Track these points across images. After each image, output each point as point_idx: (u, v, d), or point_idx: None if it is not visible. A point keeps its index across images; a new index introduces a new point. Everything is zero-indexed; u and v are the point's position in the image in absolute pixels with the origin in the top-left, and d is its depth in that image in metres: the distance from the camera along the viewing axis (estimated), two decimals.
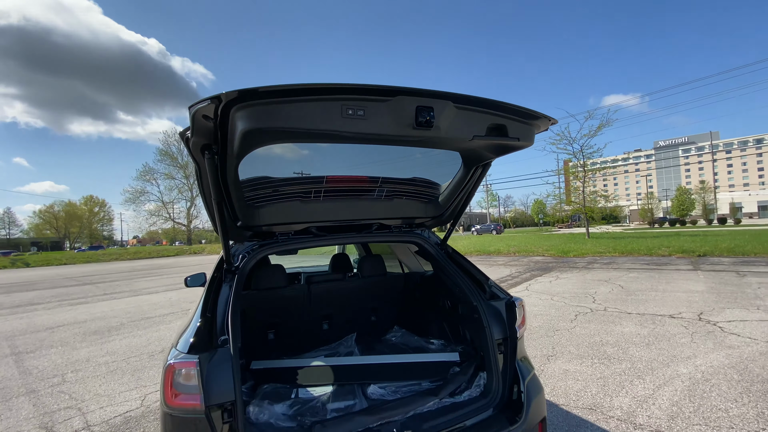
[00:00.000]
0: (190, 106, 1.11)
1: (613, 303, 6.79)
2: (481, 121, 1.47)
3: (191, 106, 1.11)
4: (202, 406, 1.31)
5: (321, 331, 2.99)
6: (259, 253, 1.96)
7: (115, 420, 3.36)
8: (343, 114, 1.24)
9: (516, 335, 1.93)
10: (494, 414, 1.78)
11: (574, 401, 3.22)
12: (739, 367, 3.74)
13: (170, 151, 64.96)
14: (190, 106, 1.11)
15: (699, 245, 15.40)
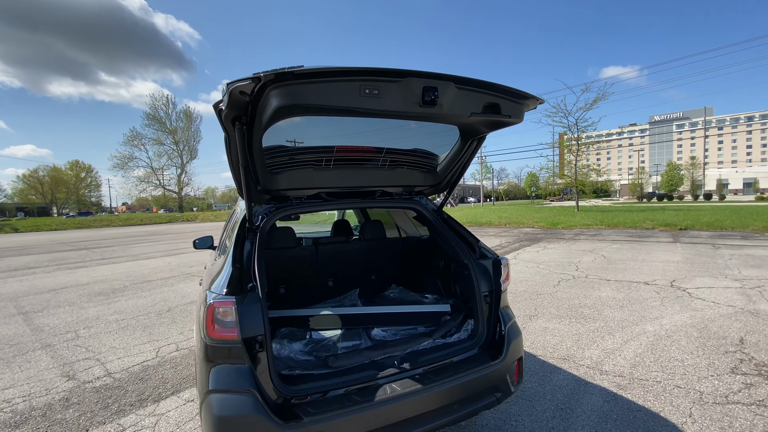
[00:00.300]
0: (229, 83, 1.28)
1: (594, 271, 7.22)
2: (478, 100, 1.66)
3: (230, 83, 1.28)
4: (239, 338, 1.56)
5: (327, 288, 3.29)
6: (276, 214, 2.17)
7: (133, 368, 3.66)
8: (361, 93, 1.42)
9: (500, 288, 2.22)
10: (479, 352, 2.09)
11: (551, 353, 3.61)
12: (700, 327, 4.16)
13: (158, 116, 63.18)
14: (228, 83, 1.28)
15: (681, 219, 15.98)
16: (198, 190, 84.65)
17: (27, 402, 3.10)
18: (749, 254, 8.48)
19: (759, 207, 25.74)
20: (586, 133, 26.21)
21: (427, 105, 1.51)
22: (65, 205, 73.74)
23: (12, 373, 3.66)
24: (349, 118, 1.76)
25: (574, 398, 2.82)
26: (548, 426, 2.51)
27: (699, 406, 2.69)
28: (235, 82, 1.28)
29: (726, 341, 3.77)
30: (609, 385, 2.99)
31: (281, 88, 1.35)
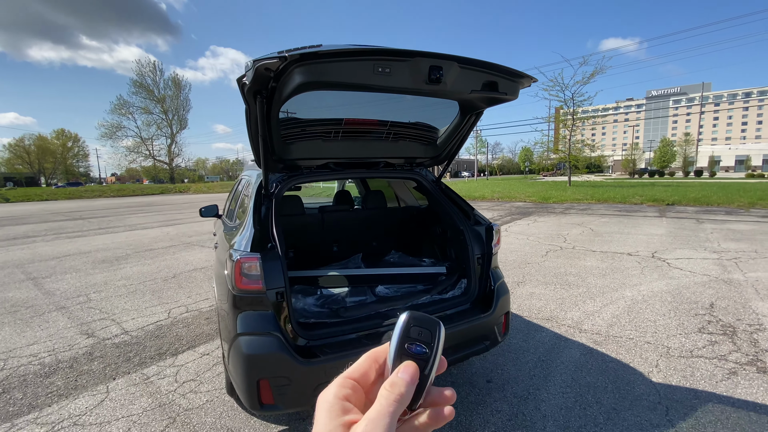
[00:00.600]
0: (255, 60, 1.41)
1: (581, 243, 7.55)
2: (478, 78, 1.81)
3: (256, 60, 1.41)
4: (263, 289, 1.78)
5: (332, 252, 3.52)
6: (288, 182, 2.34)
7: (148, 327, 3.92)
8: (374, 71, 1.57)
9: (492, 252, 2.45)
10: (471, 307, 2.35)
11: (536, 314, 3.92)
12: (674, 293, 4.50)
13: (145, 83, 61.11)
14: (255, 60, 1.41)
15: (670, 195, 16.38)
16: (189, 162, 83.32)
17: (53, 356, 3.35)
18: (731, 228, 8.86)
19: (746, 184, 26.30)
20: (582, 107, 26.12)
21: (432, 83, 1.66)
22: (53, 175, 72.35)
23: (33, 332, 3.89)
24: (357, 92, 1.90)
25: (554, 352, 3.14)
26: (531, 374, 2.82)
27: (665, 359, 3.02)
28: (262, 59, 1.41)
29: (697, 305, 4.11)
30: (587, 341, 3.31)
31: (304, 66, 1.49)
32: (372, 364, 0.39)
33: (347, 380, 0.38)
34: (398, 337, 0.38)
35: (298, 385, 1.74)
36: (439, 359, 0.38)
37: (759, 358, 3.00)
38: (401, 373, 0.36)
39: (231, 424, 2.36)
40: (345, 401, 0.36)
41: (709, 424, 2.27)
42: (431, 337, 0.38)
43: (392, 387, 0.36)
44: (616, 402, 2.48)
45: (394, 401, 0.34)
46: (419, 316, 0.39)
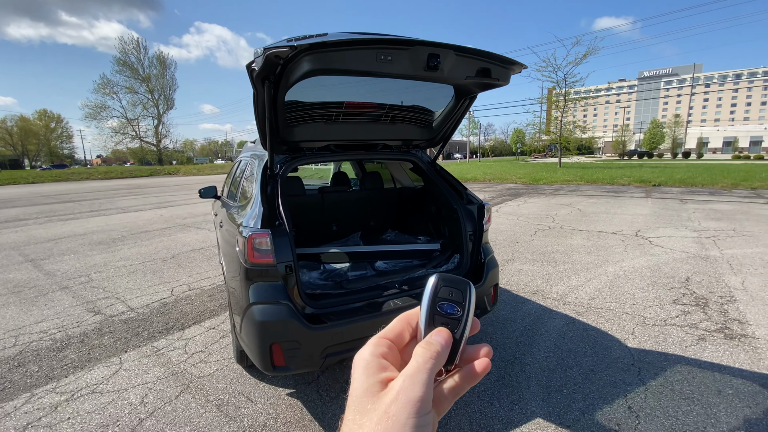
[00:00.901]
0: (266, 47, 1.51)
1: (569, 222, 7.80)
2: (473, 65, 1.93)
3: (267, 48, 1.51)
4: (274, 262, 1.93)
5: (331, 231, 3.67)
6: (292, 164, 2.45)
7: (153, 305, 4.06)
8: (377, 59, 1.68)
9: (483, 228, 2.62)
10: None
11: (523, 289, 4.15)
12: (654, 268, 4.77)
13: (129, 62, 59.12)
14: (265, 47, 1.51)
15: (656, 176, 16.74)
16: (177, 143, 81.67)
17: (63, 332, 3.49)
18: (712, 208, 9.19)
19: (731, 165, 26.89)
20: (574, 88, 26.14)
21: (430, 69, 1.78)
22: (37, 157, 70.55)
23: (39, 311, 4.00)
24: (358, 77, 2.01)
25: (539, 321, 3.38)
26: (517, 341, 3.05)
27: (641, 327, 3.27)
28: (272, 47, 1.51)
29: (674, 280, 4.38)
30: (570, 312, 3.55)
31: (312, 54, 1.60)
32: (405, 326, 0.40)
33: (382, 339, 0.38)
34: (429, 298, 0.38)
35: (307, 348, 1.91)
36: (471, 318, 0.38)
37: (727, 326, 3.27)
38: (435, 336, 0.37)
39: (242, 388, 2.55)
40: (381, 359, 0.36)
41: (676, 382, 2.52)
42: (462, 297, 0.38)
43: (428, 345, 0.36)
44: (594, 364, 2.72)
45: (431, 358, 0.34)
46: (448, 277, 0.39)
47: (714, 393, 2.39)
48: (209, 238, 7.24)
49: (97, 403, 2.45)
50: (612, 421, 2.17)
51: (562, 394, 2.41)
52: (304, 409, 2.35)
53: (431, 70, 1.78)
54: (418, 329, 0.38)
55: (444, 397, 0.36)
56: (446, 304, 0.38)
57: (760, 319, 3.35)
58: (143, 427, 2.21)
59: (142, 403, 2.44)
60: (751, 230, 6.70)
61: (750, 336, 3.08)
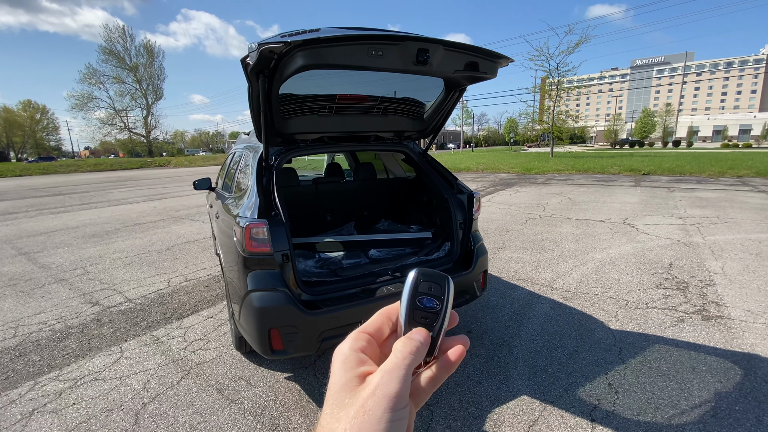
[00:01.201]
0: (261, 42, 1.56)
1: (559, 211, 7.95)
2: (461, 59, 1.99)
3: (261, 43, 1.56)
4: (271, 251, 2.00)
5: (326, 221, 3.75)
6: (286, 155, 2.51)
7: (150, 295, 4.12)
8: (368, 54, 1.74)
9: (472, 217, 2.72)
10: (453, 266, 2.64)
11: (513, 276, 4.29)
12: (639, 255, 4.93)
13: (115, 50, 57.70)
14: (260, 42, 1.56)
15: (646, 165, 16.99)
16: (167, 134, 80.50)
17: (62, 323, 3.54)
18: (698, 196, 9.41)
19: (720, 153, 27.29)
20: (566, 77, 26.20)
21: (420, 64, 1.84)
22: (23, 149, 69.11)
23: (37, 303, 4.05)
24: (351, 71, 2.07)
25: (528, 306, 3.51)
26: (506, 325, 3.18)
27: (624, 310, 3.42)
28: (267, 42, 1.56)
29: (657, 265, 4.54)
30: (557, 297, 3.69)
31: (306, 50, 1.65)
32: (385, 320, 0.40)
33: (362, 334, 0.38)
34: (409, 293, 0.38)
35: (304, 332, 2.00)
36: (449, 312, 0.39)
37: (705, 308, 3.43)
38: (415, 334, 0.37)
39: (241, 373, 2.65)
40: (360, 353, 0.36)
41: (654, 360, 2.66)
42: (441, 291, 0.39)
43: (408, 341, 0.36)
44: (578, 345, 2.86)
45: (410, 354, 0.35)
46: (428, 272, 0.39)
47: (689, 370, 2.54)
48: (204, 230, 7.27)
49: (100, 389, 2.53)
50: (593, 396, 2.30)
51: (547, 373, 2.54)
52: (302, 391, 2.45)
53: (421, 64, 1.85)
54: (399, 323, 0.39)
55: (422, 389, 0.37)
56: (425, 299, 0.38)
57: (736, 301, 3.52)
58: (147, 410, 2.30)
59: (144, 388, 2.52)
60: (734, 217, 6.91)
61: (726, 317, 3.24)
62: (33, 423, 2.23)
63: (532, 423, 2.12)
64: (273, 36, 1.61)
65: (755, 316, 3.25)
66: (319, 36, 1.54)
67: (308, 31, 1.57)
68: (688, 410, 2.18)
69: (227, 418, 2.22)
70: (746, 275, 4.13)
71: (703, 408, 2.20)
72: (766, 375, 2.47)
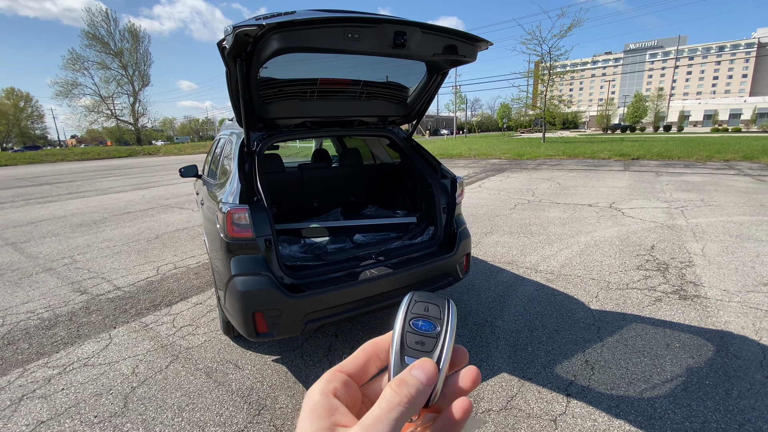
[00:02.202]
0: (235, 25, 1.55)
1: (548, 196, 8.03)
2: (439, 42, 1.99)
3: (236, 26, 1.55)
4: (253, 236, 2.02)
5: (312, 207, 3.77)
6: (269, 141, 2.51)
7: (139, 283, 4.13)
8: (345, 37, 1.73)
9: (455, 202, 2.76)
10: (437, 249, 2.68)
11: (499, 259, 4.36)
12: (623, 237, 5.03)
13: (99, 35, 56.01)
14: (235, 25, 1.55)
15: (636, 150, 17.12)
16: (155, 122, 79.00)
17: (50, 311, 3.55)
18: (685, 180, 9.55)
19: (708, 138, 27.55)
20: (559, 62, 26.05)
21: (397, 47, 1.84)
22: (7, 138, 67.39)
23: (25, 292, 4.03)
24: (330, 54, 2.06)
25: (511, 288, 3.59)
26: (490, 307, 3.26)
27: (604, 291, 3.51)
28: (241, 25, 1.55)
29: (640, 248, 4.64)
30: (540, 280, 3.78)
31: (280, 33, 1.64)
32: (371, 356, 0.33)
33: (337, 373, 0.31)
34: (402, 318, 0.32)
35: (287, 315, 2.04)
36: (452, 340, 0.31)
37: (683, 288, 3.53)
38: (415, 370, 0.29)
39: (229, 357, 2.69)
40: (332, 398, 0.29)
41: (630, 338, 2.76)
42: (440, 313, 0.32)
43: (400, 386, 0.28)
44: (558, 325, 2.94)
45: (399, 404, 0.27)
46: (424, 293, 0.34)
47: (663, 346, 2.64)
48: (193, 218, 7.23)
49: (89, 374, 2.56)
50: (569, 373, 2.39)
51: (527, 352, 2.62)
52: (289, 372, 2.51)
53: (398, 47, 1.84)
54: (389, 358, 0.31)
55: None
56: (421, 321, 0.32)
57: (713, 281, 3.63)
58: (136, 394, 2.35)
59: (133, 373, 2.56)
60: (718, 200, 7.04)
61: (702, 296, 3.35)
62: (22, 408, 2.26)
63: (510, 398, 2.20)
64: (248, 19, 1.60)
65: (731, 295, 3.36)
66: (294, 18, 1.53)
67: (284, 14, 1.56)
68: (660, 384, 2.27)
69: (215, 399, 2.27)
70: (725, 256, 4.24)
71: (674, 382, 2.29)
72: (737, 351, 2.58)
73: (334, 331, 2.93)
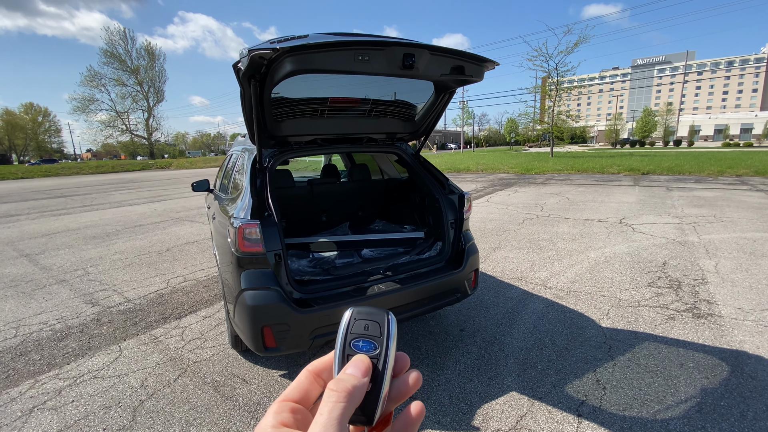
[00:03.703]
0: (251, 49, 1.62)
1: (557, 211, 7.99)
2: (447, 63, 2.05)
3: (251, 49, 1.62)
4: (264, 251, 2.06)
5: (321, 222, 3.81)
6: (280, 157, 2.57)
7: (149, 296, 4.18)
8: (355, 59, 1.80)
9: (463, 217, 2.77)
10: (444, 265, 2.69)
11: (507, 275, 4.33)
12: (634, 254, 4.97)
13: (116, 53, 57.92)
14: (250, 48, 1.62)
15: (646, 164, 17.00)
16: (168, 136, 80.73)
17: (62, 323, 3.60)
18: (696, 195, 9.43)
19: (720, 153, 27.25)
20: (566, 77, 26.23)
21: (406, 68, 1.90)
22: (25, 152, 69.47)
23: (38, 303, 4.11)
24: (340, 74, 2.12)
25: (521, 305, 3.55)
26: (498, 323, 3.23)
27: (615, 308, 3.46)
28: (256, 48, 1.62)
29: (651, 264, 4.57)
30: (550, 296, 3.73)
31: (294, 56, 1.71)
32: (313, 380, 0.33)
33: (284, 403, 0.31)
34: (342, 337, 0.33)
35: (296, 330, 2.06)
36: (393, 355, 0.32)
37: (696, 306, 3.46)
38: (349, 369, 0.31)
39: (237, 371, 2.70)
40: (284, 428, 0.29)
41: (643, 357, 2.70)
42: (380, 330, 0.32)
43: (336, 384, 0.29)
44: (568, 343, 2.90)
45: (338, 401, 0.28)
46: (362, 309, 0.34)
47: (676, 366, 2.58)
48: (203, 231, 7.33)
49: (99, 387, 2.58)
50: (580, 392, 2.35)
51: (537, 370, 2.59)
52: None
53: (407, 68, 1.90)
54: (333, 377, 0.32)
55: None
56: (361, 341, 0.32)
57: (727, 299, 3.56)
58: (144, 407, 2.36)
59: (142, 386, 2.57)
60: (731, 216, 6.93)
61: (716, 315, 3.28)
62: (33, 420, 2.29)
63: (519, 418, 2.16)
64: (263, 42, 1.67)
65: (745, 313, 3.28)
66: (307, 42, 1.60)
67: (297, 37, 1.62)
68: (674, 405, 2.22)
69: (222, 414, 2.27)
70: (739, 273, 4.16)
71: (688, 403, 2.24)
72: (752, 371, 2.51)
73: None
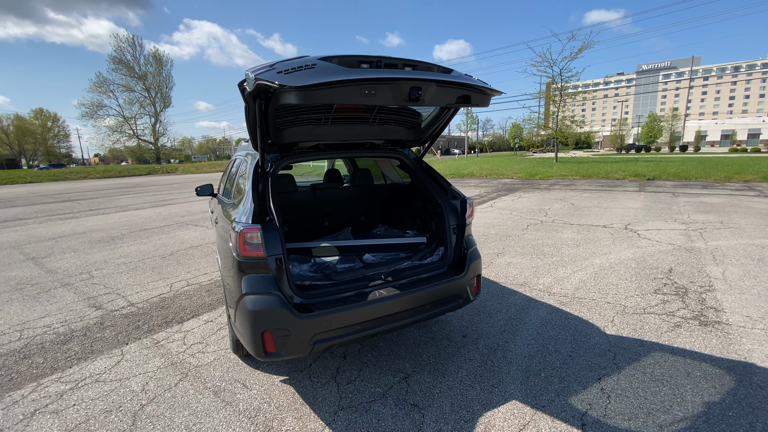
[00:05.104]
0: (257, 77, 1.61)
1: (561, 217, 7.94)
2: (453, 93, 2.06)
3: (258, 78, 1.61)
4: (265, 255, 2.06)
5: (323, 226, 3.81)
6: (282, 162, 2.58)
7: (152, 300, 4.19)
8: (362, 93, 1.81)
9: (465, 222, 2.76)
10: (446, 270, 2.67)
11: (511, 281, 4.29)
12: (639, 260, 4.91)
13: (125, 59, 58.85)
14: (257, 77, 1.61)
15: (651, 170, 16.88)
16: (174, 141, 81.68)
17: (66, 326, 3.62)
18: (703, 201, 9.34)
19: (726, 158, 27.02)
20: (570, 83, 26.20)
21: (412, 100, 1.92)
22: (34, 156, 70.47)
23: (42, 306, 4.13)
24: None
25: (524, 311, 3.52)
26: (501, 330, 3.20)
27: (621, 315, 3.41)
28: (262, 79, 1.61)
29: (657, 271, 4.52)
30: (554, 302, 3.70)
31: (300, 91, 1.71)
32: None
33: None
34: None
35: (296, 335, 2.05)
36: None
37: (703, 314, 3.41)
38: None
39: (238, 376, 2.69)
40: None
41: (648, 366, 2.66)
42: None
43: None
44: (572, 350, 2.86)
45: None
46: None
47: (683, 375, 2.54)
48: (207, 236, 7.36)
49: (100, 390, 2.58)
50: (584, 401, 2.31)
51: (540, 378, 2.55)
52: (296, 393, 2.49)
53: (413, 101, 1.92)
54: None
55: None
56: None
57: (735, 307, 3.50)
58: (144, 411, 2.35)
59: (143, 390, 2.57)
60: (738, 222, 6.85)
61: (724, 323, 3.23)
62: (34, 423, 2.29)
63: (522, 427, 2.13)
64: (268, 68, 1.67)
65: (754, 321, 3.23)
66: (315, 83, 1.59)
67: (304, 68, 1.63)
68: (680, 415, 2.18)
69: (222, 419, 2.26)
70: (747, 281, 4.10)
71: (695, 413, 2.19)
72: (761, 381, 2.46)
73: (343, 353, 2.91)
